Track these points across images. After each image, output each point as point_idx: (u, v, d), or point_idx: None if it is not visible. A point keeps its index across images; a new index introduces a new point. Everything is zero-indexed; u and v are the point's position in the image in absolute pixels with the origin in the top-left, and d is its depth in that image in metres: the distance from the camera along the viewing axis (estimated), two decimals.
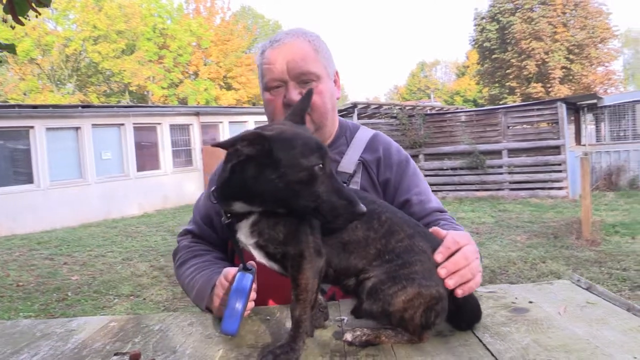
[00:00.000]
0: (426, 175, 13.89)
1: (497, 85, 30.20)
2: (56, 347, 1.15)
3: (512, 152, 12.92)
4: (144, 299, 6.01)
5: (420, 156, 14.11)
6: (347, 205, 0.95)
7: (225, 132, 18.06)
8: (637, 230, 8.07)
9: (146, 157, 15.35)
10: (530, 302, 1.24)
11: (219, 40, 30.27)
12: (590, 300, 1.23)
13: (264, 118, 1.61)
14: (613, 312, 1.14)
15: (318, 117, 1.50)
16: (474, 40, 30.86)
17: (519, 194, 12.65)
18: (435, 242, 1.08)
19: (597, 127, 14.70)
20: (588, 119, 14.66)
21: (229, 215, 1.07)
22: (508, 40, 27.61)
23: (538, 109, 12.84)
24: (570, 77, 26.88)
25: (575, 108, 14.12)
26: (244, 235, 1.06)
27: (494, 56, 28.72)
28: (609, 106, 14.26)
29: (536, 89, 26.92)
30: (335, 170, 1.53)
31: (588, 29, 26.12)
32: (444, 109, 18.20)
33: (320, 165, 0.95)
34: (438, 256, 1.06)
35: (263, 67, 1.51)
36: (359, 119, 15.41)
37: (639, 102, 14.26)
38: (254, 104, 31.26)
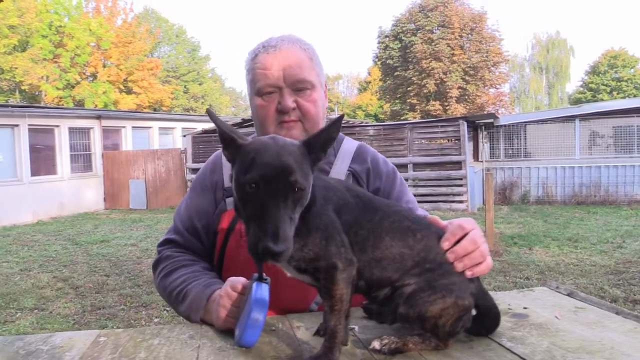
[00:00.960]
0: None
1: (398, 101, 31.37)
2: None
3: (417, 166, 13.47)
4: (50, 312, 5.63)
5: None
6: (256, 238, 0.87)
7: (128, 138, 17.39)
8: (533, 242, 8.68)
9: (42, 161, 14.43)
10: (525, 308, 1.30)
11: (120, 42, 29.11)
12: (578, 306, 1.31)
13: (169, 124, 1.60)
14: (605, 316, 1.22)
15: (310, 126, 1.49)
16: (377, 57, 31.93)
17: (422, 206, 13.05)
18: None
19: (491, 144, 15.67)
20: (484, 137, 15.60)
21: None
22: (410, 59, 28.85)
23: (442, 126, 13.52)
24: (466, 97, 28.51)
25: (473, 126, 14.98)
26: None
27: (396, 73, 29.86)
28: (504, 125, 15.27)
29: (435, 106, 28.29)
30: None
31: (482, 53, 27.90)
32: (350, 122, 18.61)
33: (253, 185, 0.89)
34: (444, 243, 1.09)
35: (256, 72, 1.48)
36: None
37: (530, 123, 15.41)
38: (155, 110, 30.32)
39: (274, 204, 0.88)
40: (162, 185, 16.04)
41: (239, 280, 1.22)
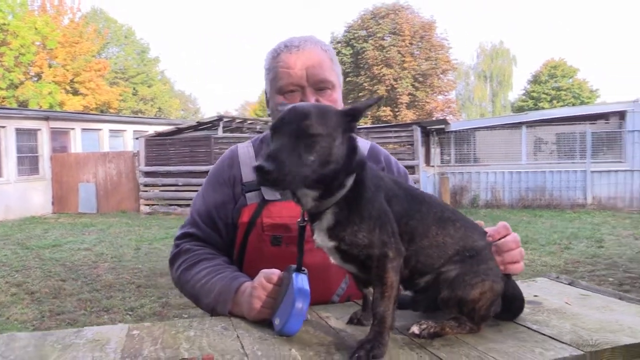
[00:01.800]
0: None
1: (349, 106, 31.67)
2: (100, 357, 1.06)
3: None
4: (7, 318, 5.45)
5: None
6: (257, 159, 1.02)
7: (77, 140, 16.91)
8: None
9: None
10: (536, 296, 1.39)
11: (67, 41, 28.19)
12: (582, 293, 1.41)
13: (120, 127, 1.65)
14: (610, 301, 1.33)
15: None
16: None
17: None
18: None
19: (442, 150, 16.08)
20: (435, 143, 15.99)
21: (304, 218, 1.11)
22: (361, 65, 29.23)
23: (395, 131, 13.78)
24: (416, 103, 29.11)
25: (425, 132, 15.34)
26: (321, 238, 1.09)
27: (348, 79, 30.16)
28: (455, 131, 15.71)
29: (386, 112, 28.74)
30: None
31: (432, 61, 28.58)
32: None
33: (274, 128, 1.02)
34: (490, 238, 1.19)
35: (279, 70, 1.52)
36: (224, 132, 15.32)
37: (479, 129, 15.90)
38: (102, 112, 29.57)
39: (283, 139, 0.98)
40: (113, 188, 15.66)
41: (273, 272, 1.25)
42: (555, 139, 15.60)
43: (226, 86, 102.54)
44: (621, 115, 14.34)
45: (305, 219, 1.16)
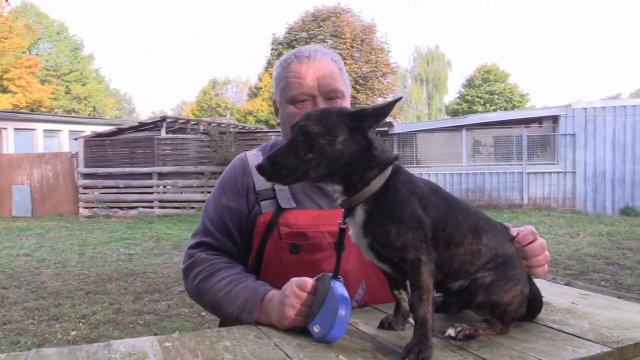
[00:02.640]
0: None
1: None
2: None
3: None
4: None
5: None
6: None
7: (10, 140, 16.14)
8: None
9: None
10: (542, 297, 1.48)
11: None
12: (582, 293, 1.52)
13: (55, 127, 1.66)
14: (612, 301, 1.43)
15: None
16: (269, 64, 32.14)
17: None
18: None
19: None
20: None
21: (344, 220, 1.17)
22: None
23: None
24: (357, 105, 29.43)
25: None
26: (356, 234, 1.16)
27: None
28: (398, 134, 16.04)
29: None
30: None
31: (372, 63, 29.06)
32: (251, 129, 18.61)
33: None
34: (518, 244, 1.27)
35: (290, 80, 1.55)
36: (167, 132, 15.03)
37: (421, 132, 16.30)
38: (33, 110, 28.32)
39: (287, 141, 1.12)
40: (49, 191, 15.05)
41: (306, 281, 1.27)
42: (493, 142, 16.21)
43: (162, 85, 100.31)
44: (554, 119, 15.07)
45: (345, 221, 1.19)
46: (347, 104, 1.60)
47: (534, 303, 1.26)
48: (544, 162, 15.08)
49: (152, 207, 14.45)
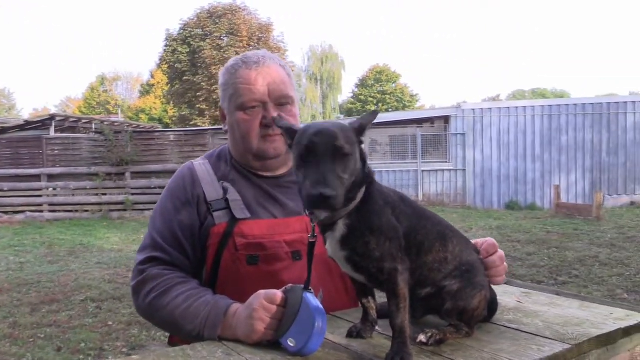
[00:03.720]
0: (133, 194, 13.55)
1: (186, 106, 30.97)
2: None
3: None
4: None
5: (127, 174, 13.71)
6: (312, 187, 1.01)
7: None
8: None
9: None
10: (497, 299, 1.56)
11: None
12: (523, 291, 1.62)
13: None
14: (552, 298, 1.55)
15: None
16: (163, 60, 31.08)
17: None
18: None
19: None
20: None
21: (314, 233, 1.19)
22: (199, 64, 28.67)
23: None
24: None
25: None
26: (332, 248, 1.16)
27: (184, 78, 29.40)
28: None
29: None
30: None
31: None
32: (146, 127, 17.96)
33: (305, 151, 1.06)
34: (483, 253, 1.35)
35: (239, 87, 1.54)
36: (56, 132, 14.17)
37: None
38: None
39: (322, 162, 1.04)
40: None
41: (275, 293, 1.25)
42: (389, 141, 16.80)
43: (45, 80, 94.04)
44: (446, 119, 15.92)
45: (315, 234, 1.19)
46: (296, 109, 1.61)
47: (491, 306, 1.34)
48: (436, 160, 15.87)
49: (42, 211, 13.53)
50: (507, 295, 1.58)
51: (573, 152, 15.97)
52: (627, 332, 1.27)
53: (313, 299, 1.19)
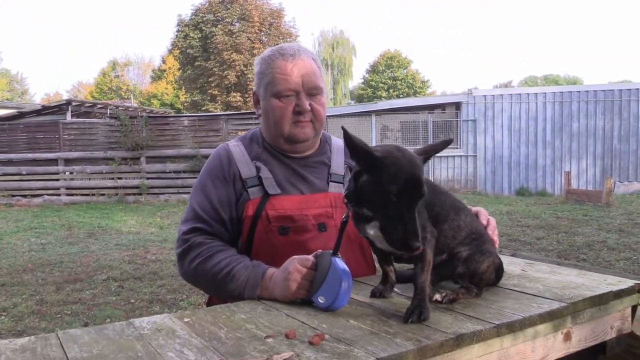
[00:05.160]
0: (148, 178, 13.77)
1: (198, 92, 31.15)
2: (189, 342, 1.16)
3: None
4: None
5: (142, 158, 13.93)
6: (404, 237, 1.16)
7: None
8: None
9: None
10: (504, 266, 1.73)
11: None
12: (527, 262, 1.79)
13: None
14: (553, 267, 1.71)
15: (319, 126, 1.76)
16: (175, 46, 31.24)
17: None
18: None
19: None
20: None
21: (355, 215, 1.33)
22: (210, 50, 28.78)
23: (256, 118, 13.92)
24: None
25: None
26: (374, 230, 1.30)
27: (196, 63, 29.55)
28: None
29: (236, 98, 28.70)
30: (328, 172, 1.80)
31: None
32: (160, 113, 18.15)
33: (395, 193, 1.17)
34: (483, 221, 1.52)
35: (276, 76, 1.69)
36: (72, 117, 14.40)
37: (331, 117, 16.66)
38: None
39: (412, 210, 1.17)
40: None
41: (307, 258, 1.43)
42: (400, 127, 16.91)
43: (57, 65, 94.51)
44: (457, 105, 15.98)
45: (349, 215, 1.37)
46: (324, 99, 1.77)
47: (497, 272, 1.51)
48: (448, 146, 15.95)
49: (59, 195, 13.82)
50: (512, 265, 1.75)
51: (584, 138, 16.02)
52: (618, 294, 1.44)
53: (340, 263, 1.37)
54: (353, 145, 1.23)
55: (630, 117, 16.01)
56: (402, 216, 1.17)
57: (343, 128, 1.24)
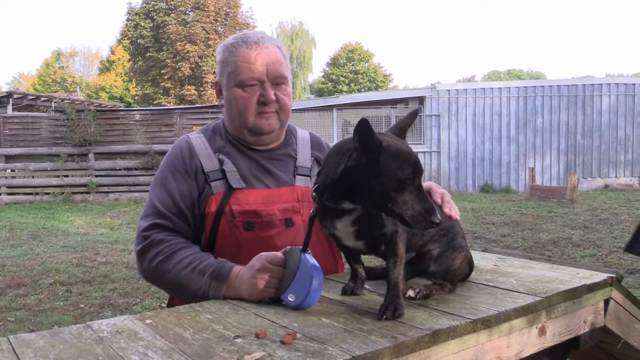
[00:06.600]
0: (97, 176, 13.36)
1: (150, 84, 30.44)
2: (153, 344, 1.09)
3: None
4: None
5: (90, 155, 13.48)
6: (426, 215, 1.15)
7: None
8: None
9: None
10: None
11: None
12: (499, 257, 1.77)
13: None
14: (525, 262, 1.70)
15: (285, 117, 1.70)
16: (124, 36, 30.34)
17: None
18: None
19: None
20: None
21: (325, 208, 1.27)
22: (163, 40, 28.10)
23: (212, 112, 13.75)
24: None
25: None
26: (344, 225, 1.26)
27: (148, 54, 28.80)
28: None
29: (190, 91, 28.17)
30: (294, 165, 1.74)
31: None
32: (108, 106, 17.65)
33: (411, 179, 1.16)
34: (437, 200, 1.47)
35: (239, 65, 1.62)
36: (14, 110, 13.83)
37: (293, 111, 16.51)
38: None
39: (422, 188, 1.18)
40: None
41: (276, 255, 1.36)
42: None
43: None
44: (420, 100, 15.92)
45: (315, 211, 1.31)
46: (289, 89, 1.70)
47: (469, 265, 1.48)
48: (411, 142, 15.64)
49: None
50: (484, 260, 1.73)
51: (548, 134, 16.04)
52: (591, 288, 1.43)
53: (311, 259, 1.31)
54: (368, 136, 1.15)
55: (594, 112, 16.12)
56: (417, 196, 1.16)
57: (364, 119, 1.15)
